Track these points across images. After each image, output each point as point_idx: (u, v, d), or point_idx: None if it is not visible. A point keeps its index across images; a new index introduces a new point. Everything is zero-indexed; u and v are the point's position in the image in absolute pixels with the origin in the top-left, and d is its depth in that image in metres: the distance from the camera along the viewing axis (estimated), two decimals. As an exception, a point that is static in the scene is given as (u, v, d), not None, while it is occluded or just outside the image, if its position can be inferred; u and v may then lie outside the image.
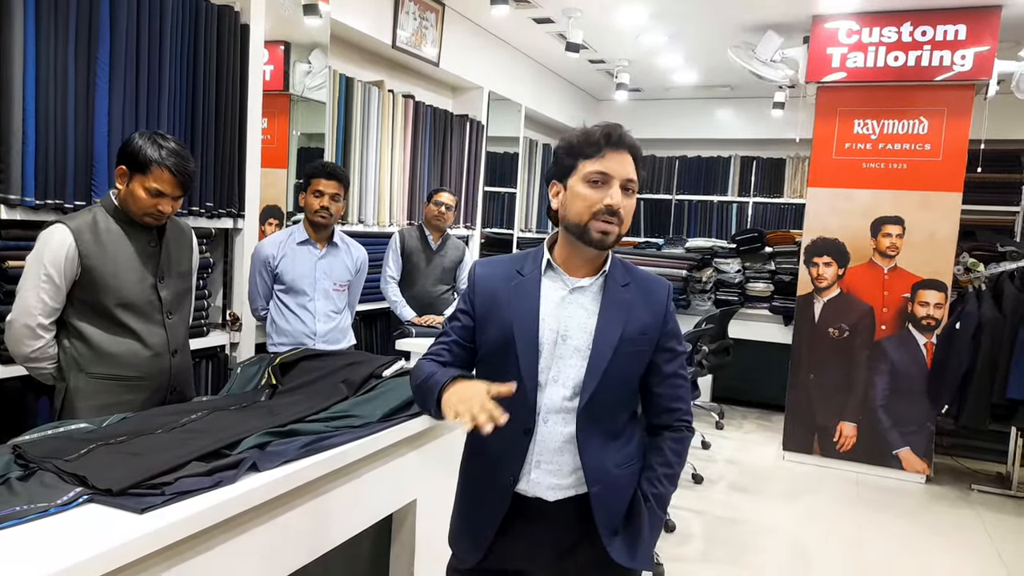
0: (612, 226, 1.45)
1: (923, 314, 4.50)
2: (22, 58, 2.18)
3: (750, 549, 3.46)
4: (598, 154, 1.45)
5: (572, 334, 1.48)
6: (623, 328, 1.48)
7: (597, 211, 1.44)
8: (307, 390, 2.01)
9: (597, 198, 1.44)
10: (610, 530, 1.49)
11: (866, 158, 4.61)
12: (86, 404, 1.98)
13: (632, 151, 1.48)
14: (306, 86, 3.76)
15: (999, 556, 3.53)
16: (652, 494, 1.52)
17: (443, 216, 3.96)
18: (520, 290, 1.52)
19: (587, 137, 1.47)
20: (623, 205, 1.45)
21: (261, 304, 2.98)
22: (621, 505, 1.52)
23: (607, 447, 1.50)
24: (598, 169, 1.45)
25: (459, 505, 1.65)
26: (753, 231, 6.14)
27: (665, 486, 1.53)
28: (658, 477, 1.53)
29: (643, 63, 6.10)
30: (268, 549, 1.51)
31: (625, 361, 1.49)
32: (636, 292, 1.53)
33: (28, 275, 1.94)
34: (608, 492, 1.50)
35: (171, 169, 1.99)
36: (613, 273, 1.53)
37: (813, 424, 4.80)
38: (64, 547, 1.13)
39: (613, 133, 1.47)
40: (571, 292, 1.51)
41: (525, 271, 1.54)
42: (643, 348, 1.52)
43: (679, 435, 1.58)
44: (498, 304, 1.52)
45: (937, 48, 4.37)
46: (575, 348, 1.48)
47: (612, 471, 1.50)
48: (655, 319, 1.53)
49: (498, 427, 1.31)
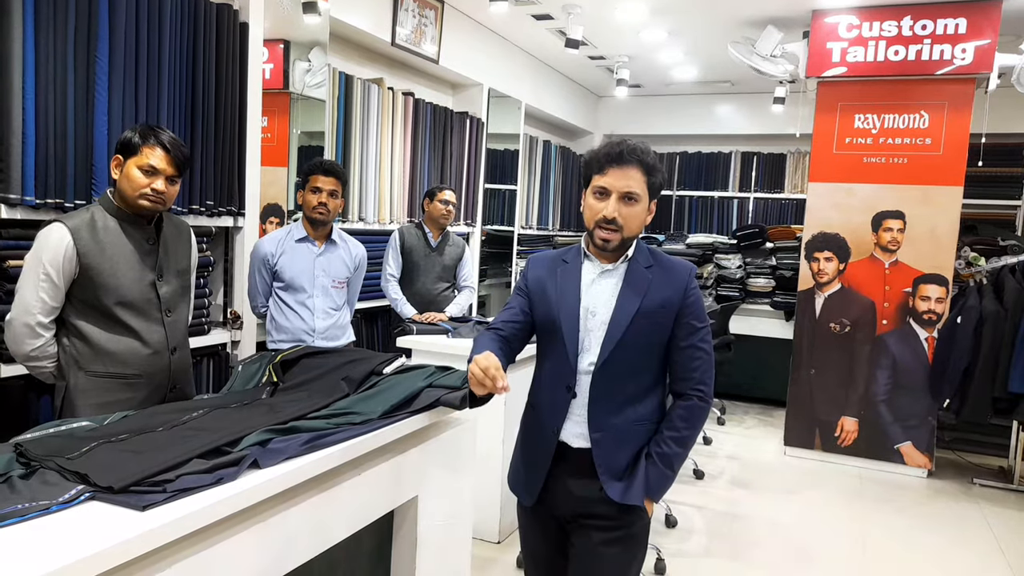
0: (611, 233, 1.70)
1: (924, 308, 4.50)
2: (21, 58, 2.19)
3: (752, 544, 3.47)
4: (602, 170, 1.70)
5: (598, 310, 1.74)
6: (641, 301, 1.71)
7: (598, 220, 1.70)
8: (308, 387, 2.01)
9: (599, 209, 1.70)
10: (611, 474, 1.72)
11: (867, 153, 4.60)
12: (86, 402, 1.99)
13: (640, 163, 1.69)
14: (306, 84, 3.76)
15: (1001, 550, 3.54)
16: (656, 452, 1.74)
17: (450, 215, 3.97)
18: (565, 274, 1.80)
19: (596, 154, 1.73)
20: (622, 214, 1.69)
21: (261, 301, 2.98)
22: (624, 456, 1.73)
23: (617, 405, 1.73)
24: (600, 184, 1.70)
25: (517, 452, 1.92)
26: (754, 226, 6.14)
27: (670, 446, 1.73)
28: (664, 439, 1.74)
29: (643, 59, 6.10)
30: (270, 546, 1.51)
31: (643, 330, 1.71)
32: (658, 272, 1.76)
33: (27, 274, 1.95)
34: (608, 441, 1.73)
35: (163, 144, 2.01)
36: (637, 257, 1.77)
37: (814, 419, 4.80)
38: (66, 544, 1.13)
39: (613, 151, 1.70)
40: (600, 275, 1.77)
41: (568, 259, 1.83)
42: (662, 320, 1.73)
43: (689, 403, 1.75)
44: (545, 286, 1.81)
45: (938, 42, 4.36)
46: (601, 321, 1.73)
47: (615, 422, 1.73)
48: (675, 294, 1.73)
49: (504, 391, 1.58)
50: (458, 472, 2.19)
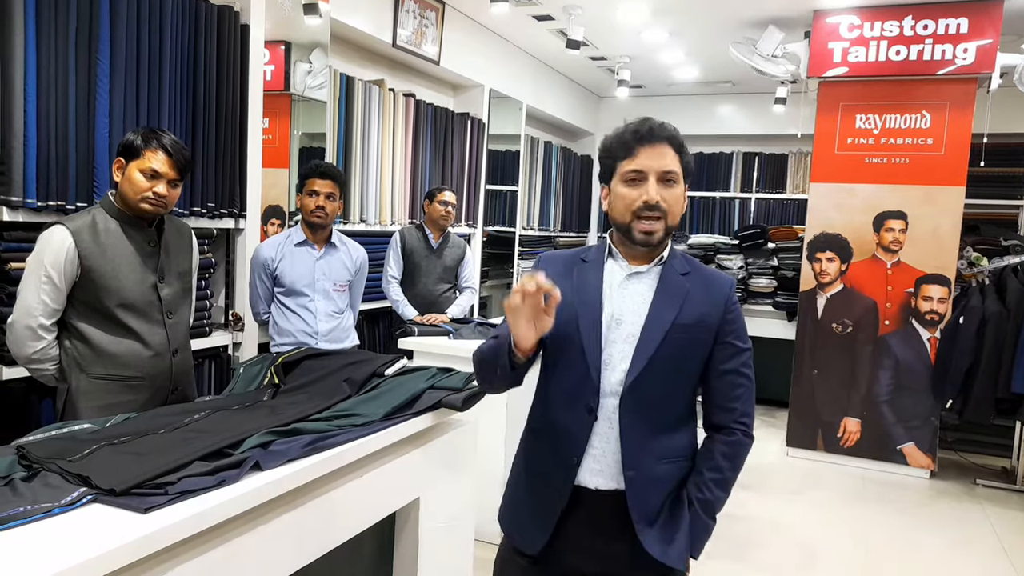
0: (655, 222, 1.44)
1: (926, 309, 4.49)
2: (23, 60, 2.19)
3: (754, 545, 3.46)
4: (631, 153, 1.46)
5: (626, 319, 1.47)
6: (677, 314, 1.45)
7: (636, 209, 1.44)
8: (310, 389, 2.01)
9: (635, 196, 1.44)
10: (645, 521, 1.45)
11: (868, 153, 4.60)
12: (88, 404, 1.99)
13: (670, 140, 1.47)
14: (307, 86, 3.76)
15: (1004, 551, 3.53)
16: (697, 499, 1.48)
17: (449, 216, 3.97)
18: (584, 274, 1.53)
19: (620, 137, 1.49)
20: (664, 198, 1.44)
21: (263, 308, 2.98)
22: (657, 499, 1.47)
23: (652, 437, 1.46)
24: (632, 168, 1.45)
25: (517, 489, 1.59)
26: (756, 227, 6.13)
27: (712, 491, 1.48)
28: (705, 482, 1.49)
29: (644, 59, 6.09)
30: (271, 548, 1.51)
31: (678, 348, 1.45)
32: (696, 282, 1.50)
33: (28, 276, 1.95)
34: (644, 481, 1.45)
35: (165, 147, 2.01)
36: (671, 262, 1.52)
37: (817, 420, 4.79)
38: (68, 547, 1.13)
39: (641, 128, 1.46)
40: (627, 277, 1.51)
41: (589, 258, 1.56)
42: (700, 337, 1.48)
43: (732, 438, 1.51)
44: (562, 286, 1.45)
45: (939, 42, 4.35)
46: (628, 333, 1.46)
47: (650, 461, 1.45)
48: (715, 309, 1.49)
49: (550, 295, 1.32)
50: (460, 473, 2.19)
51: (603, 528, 1.48)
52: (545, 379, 1.56)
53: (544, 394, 1.56)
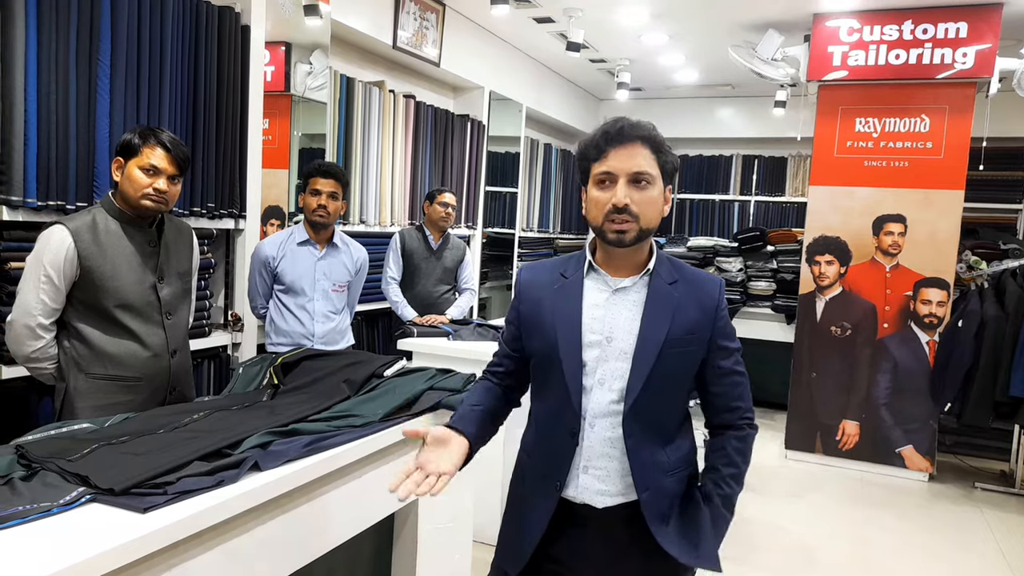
0: (625, 224, 1.41)
1: (925, 312, 4.50)
2: (23, 60, 2.19)
3: (754, 548, 3.46)
4: (601, 154, 1.43)
5: (617, 336, 1.45)
6: (669, 328, 1.43)
7: (607, 212, 1.41)
8: (309, 390, 2.01)
9: (605, 199, 1.42)
10: (660, 520, 1.45)
11: (868, 156, 4.60)
12: (86, 404, 1.99)
13: (645, 140, 1.43)
14: (307, 87, 3.77)
15: (1003, 554, 3.53)
16: (718, 495, 1.49)
17: (449, 217, 3.97)
18: (563, 294, 1.49)
19: (591, 139, 1.45)
20: (634, 200, 1.40)
21: (261, 302, 2.98)
22: (670, 510, 1.47)
23: (657, 452, 1.46)
24: (602, 170, 1.42)
25: (507, 511, 1.61)
26: (755, 230, 6.13)
27: (731, 486, 1.50)
28: (723, 478, 1.50)
29: (644, 62, 6.10)
30: (270, 548, 1.51)
31: (673, 362, 1.44)
32: (684, 289, 1.48)
33: (28, 276, 1.95)
34: (657, 498, 1.45)
35: (163, 144, 2.01)
36: (659, 271, 1.49)
37: (816, 423, 4.79)
38: (67, 546, 1.13)
39: (611, 130, 1.43)
40: (614, 293, 1.47)
41: (568, 274, 1.52)
42: (692, 348, 1.47)
43: (742, 433, 1.53)
44: (542, 310, 1.49)
45: (938, 46, 4.36)
46: (621, 350, 1.44)
47: (661, 477, 1.46)
48: (705, 316, 1.48)
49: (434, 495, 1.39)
50: (459, 475, 2.18)
51: (616, 542, 1.49)
52: (533, 402, 1.58)
53: (532, 418, 1.58)
